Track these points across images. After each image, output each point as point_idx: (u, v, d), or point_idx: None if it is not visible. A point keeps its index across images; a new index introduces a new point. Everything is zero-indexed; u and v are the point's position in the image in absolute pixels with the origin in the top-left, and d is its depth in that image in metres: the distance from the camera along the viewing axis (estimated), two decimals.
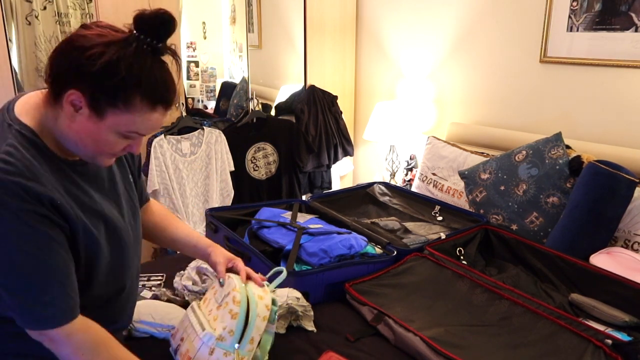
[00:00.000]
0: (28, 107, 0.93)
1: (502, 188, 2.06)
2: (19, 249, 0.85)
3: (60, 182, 0.93)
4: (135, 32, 0.86)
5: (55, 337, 0.91)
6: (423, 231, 1.97)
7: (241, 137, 2.80)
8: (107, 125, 0.89)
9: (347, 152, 3.12)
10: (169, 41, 0.91)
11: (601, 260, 1.67)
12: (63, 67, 0.87)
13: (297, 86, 3.09)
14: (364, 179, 3.38)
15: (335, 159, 3.06)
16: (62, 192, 0.92)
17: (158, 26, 0.86)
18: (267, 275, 1.26)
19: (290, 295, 1.42)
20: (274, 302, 1.17)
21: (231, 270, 1.21)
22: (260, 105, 2.97)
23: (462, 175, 2.25)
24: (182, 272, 1.62)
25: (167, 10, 0.86)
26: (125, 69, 0.84)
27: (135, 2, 2.59)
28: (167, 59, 0.92)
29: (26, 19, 2.47)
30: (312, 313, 1.45)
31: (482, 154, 2.35)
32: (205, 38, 3.36)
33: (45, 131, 0.93)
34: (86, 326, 0.96)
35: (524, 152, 2.07)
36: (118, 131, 0.90)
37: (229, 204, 2.70)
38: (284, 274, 1.26)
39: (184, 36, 3.08)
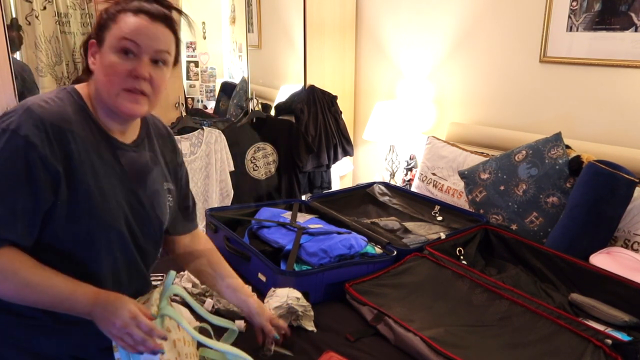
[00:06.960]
0: (81, 85, 1.11)
1: (502, 188, 2.06)
2: None
3: (91, 143, 1.04)
4: None
5: None
6: (423, 231, 1.97)
7: (241, 137, 2.79)
8: (107, 47, 1.04)
9: (347, 152, 3.11)
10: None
11: (601, 260, 1.67)
12: (88, 40, 1.09)
13: (296, 86, 3.09)
14: (363, 179, 3.38)
15: (335, 159, 3.06)
16: (85, 148, 1.03)
17: None
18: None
19: (291, 295, 1.42)
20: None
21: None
22: (260, 105, 2.97)
23: (462, 175, 2.24)
24: (182, 272, 1.62)
25: None
26: (114, 5, 1.07)
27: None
28: None
29: (26, 19, 2.46)
30: (312, 313, 1.45)
31: (482, 154, 2.34)
32: (205, 38, 3.36)
33: (93, 104, 1.08)
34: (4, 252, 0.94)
35: (524, 152, 2.07)
36: (114, 46, 1.03)
37: (229, 204, 2.69)
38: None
39: (184, 36, 3.08)
